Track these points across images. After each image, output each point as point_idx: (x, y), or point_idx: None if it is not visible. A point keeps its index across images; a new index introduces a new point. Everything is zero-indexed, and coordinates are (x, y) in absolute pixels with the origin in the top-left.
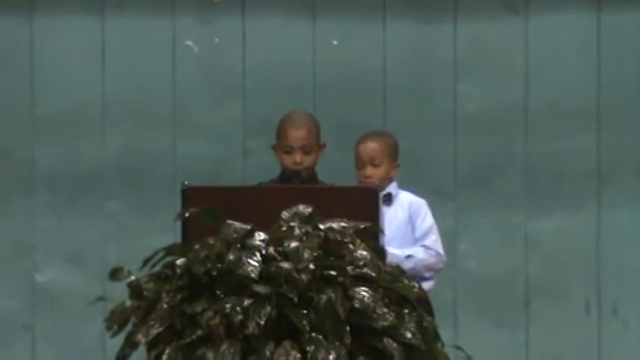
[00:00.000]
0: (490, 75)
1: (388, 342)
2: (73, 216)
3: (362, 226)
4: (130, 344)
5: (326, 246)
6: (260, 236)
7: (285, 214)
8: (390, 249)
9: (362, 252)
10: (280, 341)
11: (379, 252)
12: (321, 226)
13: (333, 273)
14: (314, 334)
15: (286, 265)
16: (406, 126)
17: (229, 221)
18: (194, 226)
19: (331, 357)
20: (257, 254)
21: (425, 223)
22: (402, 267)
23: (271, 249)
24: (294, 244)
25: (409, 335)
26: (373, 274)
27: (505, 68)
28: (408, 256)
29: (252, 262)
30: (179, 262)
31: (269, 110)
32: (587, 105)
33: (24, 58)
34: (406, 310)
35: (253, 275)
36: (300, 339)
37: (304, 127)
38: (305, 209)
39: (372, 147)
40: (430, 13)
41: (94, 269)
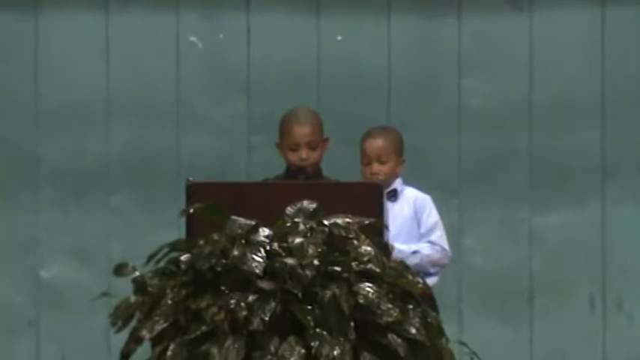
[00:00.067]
0: (494, 71)
1: (392, 338)
2: (78, 212)
3: (366, 222)
4: (135, 340)
5: (330, 242)
6: (264, 232)
7: (289, 210)
8: (397, 244)
9: (366, 248)
10: (285, 337)
11: (383, 248)
12: (326, 222)
13: (338, 269)
14: (318, 330)
15: (291, 261)
16: (410, 121)
17: (234, 217)
18: (199, 222)
19: (335, 352)
20: (261, 250)
21: (430, 219)
22: (408, 262)
23: (276, 245)
24: (298, 240)
25: (413, 331)
26: (378, 270)
27: (509, 64)
28: (414, 252)
29: (256, 258)
30: (184, 258)
31: (273, 106)
32: (591, 100)
33: (29, 54)
34: (410, 306)
35: (258, 271)
36: (304, 335)
37: (309, 124)
38: (309, 205)
39: (379, 144)
40: (435, 9)
41: (99, 265)
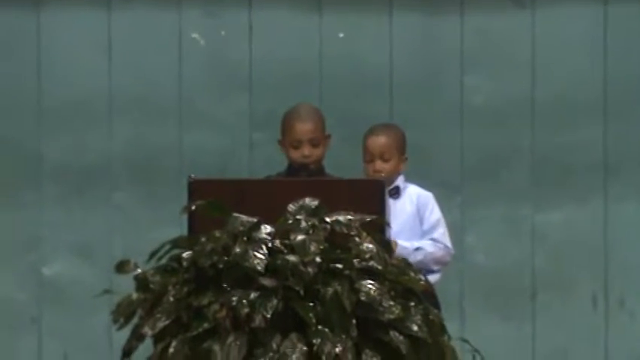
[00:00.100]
0: (497, 68)
1: (394, 335)
2: (80, 209)
3: (368, 219)
4: (137, 337)
5: (332, 239)
6: (266, 229)
7: (291, 207)
8: (400, 241)
9: (368, 245)
10: (287, 334)
11: (385, 245)
12: (328, 219)
13: (340, 266)
14: (320, 327)
15: (292, 258)
16: (413, 119)
17: (236, 214)
18: (200, 219)
19: (337, 350)
20: (263, 247)
21: (433, 216)
22: (411, 259)
23: (277, 242)
24: (300, 237)
25: (415, 328)
26: (379, 267)
27: (512, 61)
28: (417, 249)
29: (258, 255)
30: (185, 255)
31: (275, 103)
32: (593, 98)
33: (31, 51)
34: (412, 303)
35: (259, 268)
36: (306, 332)
37: (311, 120)
38: (311, 202)
39: (382, 141)
40: (437, 6)
41: (101, 262)
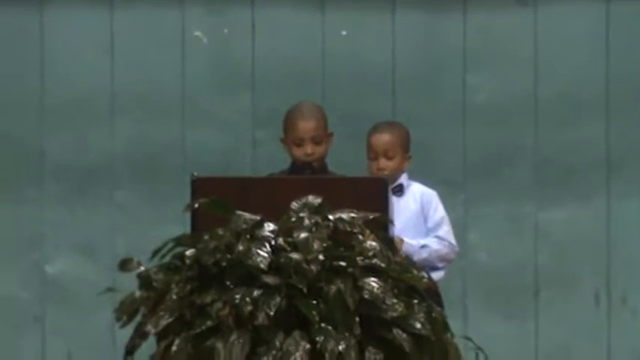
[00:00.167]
0: (499, 66)
1: (398, 332)
2: (83, 207)
3: (371, 217)
4: (140, 335)
5: (335, 237)
6: (269, 227)
7: (294, 205)
8: (406, 239)
9: (371, 243)
10: (290, 332)
11: (389, 242)
12: (331, 217)
13: (343, 264)
14: (323, 325)
15: (296, 256)
16: (415, 117)
17: (239, 212)
18: (203, 217)
19: (341, 347)
20: (266, 245)
21: (437, 214)
22: (417, 257)
23: (281, 240)
24: (303, 235)
25: (418, 326)
26: (383, 265)
27: (514, 59)
28: (423, 246)
29: (261, 253)
30: (188, 253)
31: (278, 101)
32: (596, 95)
33: (34, 50)
34: (415, 301)
35: (263, 266)
36: (309, 329)
37: (313, 118)
38: (314, 200)
39: (386, 139)
40: (439, 4)
41: (104, 260)
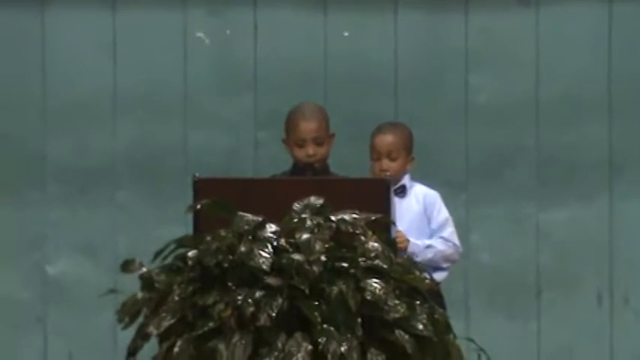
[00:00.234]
0: (501, 66)
1: (400, 334)
2: (85, 208)
3: (373, 218)
4: (142, 336)
5: (337, 238)
6: (271, 228)
7: (296, 206)
8: (412, 239)
9: (373, 244)
10: (292, 333)
11: (391, 244)
12: (333, 218)
13: (345, 265)
14: (325, 326)
15: (298, 257)
16: (417, 117)
17: (241, 213)
18: (205, 218)
19: (343, 349)
20: (268, 246)
21: (441, 215)
22: (422, 257)
23: (283, 241)
24: (305, 236)
25: (421, 327)
26: (385, 266)
27: (516, 59)
28: (428, 247)
29: (263, 254)
30: (191, 254)
31: (280, 102)
32: (598, 96)
33: (35, 51)
34: (418, 302)
35: (265, 267)
36: (311, 331)
37: (315, 119)
38: (316, 201)
39: (390, 140)
40: (441, 5)
41: (106, 261)
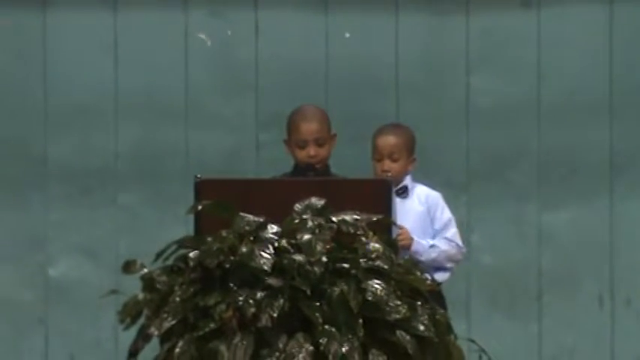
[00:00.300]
0: (503, 68)
1: (401, 334)
2: (86, 209)
3: (375, 219)
4: (143, 337)
5: (339, 238)
6: (273, 229)
7: (297, 207)
8: (416, 238)
9: (375, 244)
10: (293, 334)
11: (391, 244)
12: (334, 219)
13: (346, 265)
14: (327, 327)
15: (299, 258)
16: (419, 119)
17: (242, 214)
18: (207, 219)
19: (344, 349)
20: (270, 247)
21: (444, 216)
22: (426, 256)
23: (284, 241)
24: (306, 237)
25: (422, 328)
26: (386, 267)
27: (517, 61)
28: (432, 246)
29: (264, 255)
30: (192, 255)
31: (282, 103)
32: (599, 97)
33: (37, 52)
34: (419, 303)
35: (266, 268)
36: (312, 331)
37: (316, 120)
38: (317, 202)
39: (392, 141)
40: (443, 6)
41: (107, 262)
